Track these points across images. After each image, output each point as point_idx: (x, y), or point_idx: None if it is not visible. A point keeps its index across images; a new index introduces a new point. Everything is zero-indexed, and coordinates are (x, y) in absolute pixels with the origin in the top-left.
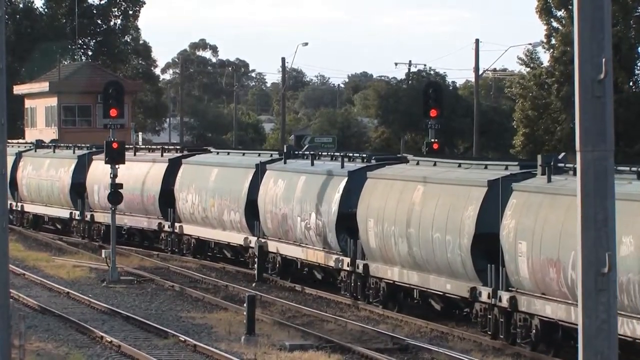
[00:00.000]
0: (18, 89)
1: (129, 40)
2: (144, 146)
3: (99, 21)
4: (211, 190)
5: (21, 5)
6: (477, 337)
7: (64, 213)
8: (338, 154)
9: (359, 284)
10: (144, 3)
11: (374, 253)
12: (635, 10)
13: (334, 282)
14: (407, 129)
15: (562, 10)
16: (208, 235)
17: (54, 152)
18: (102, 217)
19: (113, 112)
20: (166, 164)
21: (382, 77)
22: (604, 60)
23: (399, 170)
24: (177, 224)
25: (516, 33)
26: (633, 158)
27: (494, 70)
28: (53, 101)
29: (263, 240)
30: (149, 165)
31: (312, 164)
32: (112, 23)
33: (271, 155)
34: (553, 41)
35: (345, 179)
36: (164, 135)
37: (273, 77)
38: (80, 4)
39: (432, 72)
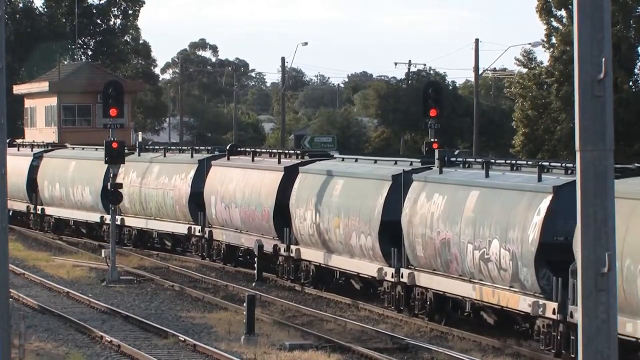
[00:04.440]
0: (18, 89)
1: (128, 40)
2: (264, 150)
3: (99, 21)
4: (335, 207)
5: (21, 5)
6: (477, 336)
7: (181, 228)
8: (524, 161)
9: (572, 337)
10: (144, 3)
11: None
12: (635, 10)
13: (518, 329)
14: (406, 128)
15: (562, 10)
16: (331, 262)
17: (165, 155)
18: (221, 235)
19: (113, 112)
20: (282, 173)
21: (382, 77)
22: (604, 60)
23: None
24: (293, 247)
25: (516, 33)
26: (632, 158)
27: (494, 70)
28: (53, 101)
29: (408, 271)
30: (264, 174)
31: (488, 175)
32: (112, 23)
33: (411, 164)
34: (553, 40)
35: (549, 196)
36: (164, 135)
37: (273, 76)
38: (80, 3)
39: (432, 72)
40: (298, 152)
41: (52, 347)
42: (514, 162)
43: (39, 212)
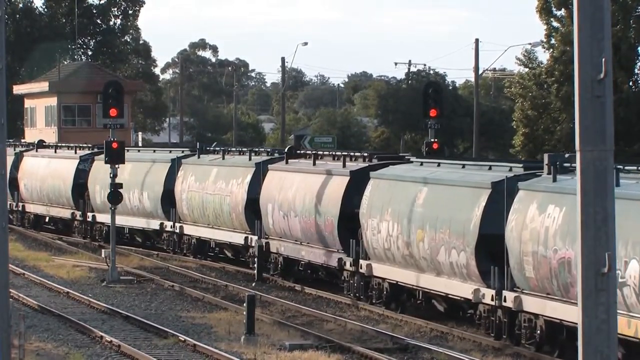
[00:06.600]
0: (18, 89)
1: (128, 40)
2: (326, 152)
3: (99, 21)
4: (419, 218)
5: (21, 5)
6: (477, 336)
7: (237, 238)
8: None
9: None
10: (144, 3)
11: None
12: (635, 10)
13: None
14: (406, 128)
15: (562, 10)
16: (412, 281)
17: (224, 158)
18: (279, 247)
19: (113, 112)
20: (347, 178)
21: (382, 77)
22: (604, 60)
23: None
24: (363, 262)
25: (516, 33)
26: (633, 158)
27: (494, 70)
28: (53, 101)
29: (513, 294)
30: (327, 179)
31: (618, 184)
32: (112, 23)
33: (511, 169)
34: (553, 41)
35: None
36: (164, 135)
37: (273, 77)
38: (80, 4)
39: (432, 72)
40: (365, 154)
41: (52, 347)
42: None
43: (88, 219)
